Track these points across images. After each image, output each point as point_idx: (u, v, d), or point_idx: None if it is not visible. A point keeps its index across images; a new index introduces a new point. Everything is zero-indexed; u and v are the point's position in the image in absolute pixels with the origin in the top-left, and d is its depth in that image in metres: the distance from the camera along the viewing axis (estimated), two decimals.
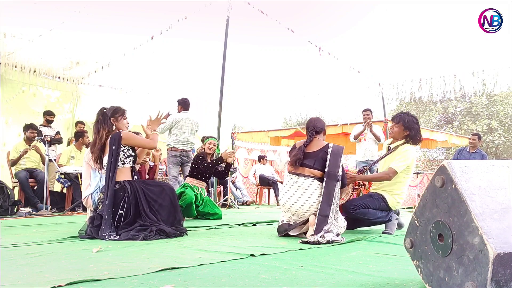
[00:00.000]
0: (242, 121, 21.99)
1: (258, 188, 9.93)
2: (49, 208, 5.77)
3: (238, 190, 9.33)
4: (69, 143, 7.23)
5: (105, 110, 3.41)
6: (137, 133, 4.21)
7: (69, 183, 6.01)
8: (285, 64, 8.98)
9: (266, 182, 9.61)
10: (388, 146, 3.87)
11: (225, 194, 8.10)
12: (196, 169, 5.06)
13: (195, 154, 7.21)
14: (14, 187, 6.07)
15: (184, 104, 6.17)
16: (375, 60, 8.74)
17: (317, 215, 3.03)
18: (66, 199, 6.15)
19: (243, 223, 4.27)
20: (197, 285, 1.60)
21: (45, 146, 5.88)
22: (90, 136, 6.50)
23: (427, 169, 17.60)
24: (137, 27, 7.24)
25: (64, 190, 6.38)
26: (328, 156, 3.17)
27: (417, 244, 1.51)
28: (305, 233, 3.13)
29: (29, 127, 6.24)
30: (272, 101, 11.20)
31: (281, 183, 8.83)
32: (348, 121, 9.71)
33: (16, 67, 7.85)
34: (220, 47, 7.17)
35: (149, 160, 6.05)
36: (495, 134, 16.63)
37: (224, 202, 7.64)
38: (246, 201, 9.02)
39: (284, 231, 3.22)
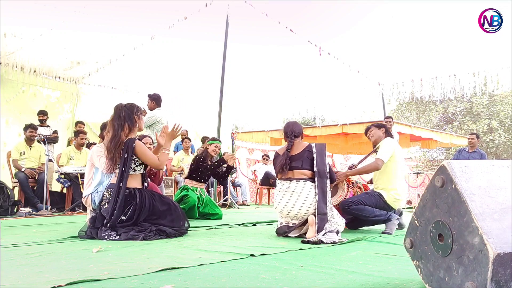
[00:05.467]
0: (242, 121, 22.00)
1: (258, 188, 9.93)
2: (49, 208, 5.77)
3: (236, 188, 9.28)
4: (69, 143, 7.23)
5: (125, 106, 3.25)
6: (142, 138, 4.19)
7: (69, 183, 6.01)
8: (285, 64, 8.97)
9: (268, 182, 9.56)
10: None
11: (225, 194, 8.10)
12: (195, 170, 5.01)
13: (195, 154, 7.19)
14: (14, 187, 6.07)
15: (158, 101, 5.93)
16: (375, 60, 8.73)
17: (316, 214, 3.04)
18: (66, 199, 6.15)
19: (243, 223, 4.27)
20: (197, 285, 1.60)
21: (45, 146, 5.89)
22: (91, 136, 6.50)
23: (427, 169, 17.61)
24: (137, 27, 7.23)
25: (64, 190, 6.38)
26: (314, 155, 3.21)
27: (417, 244, 1.51)
28: (305, 233, 3.13)
29: (28, 127, 6.25)
30: (272, 101, 11.19)
31: None
32: (348, 121, 9.70)
33: (16, 67, 7.85)
34: (220, 47, 7.17)
35: None
36: (495, 134, 16.62)
37: (224, 202, 7.64)
38: (244, 201, 9.00)
39: (283, 233, 3.22)
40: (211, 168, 4.98)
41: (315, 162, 3.18)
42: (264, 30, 7.49)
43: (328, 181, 3.18)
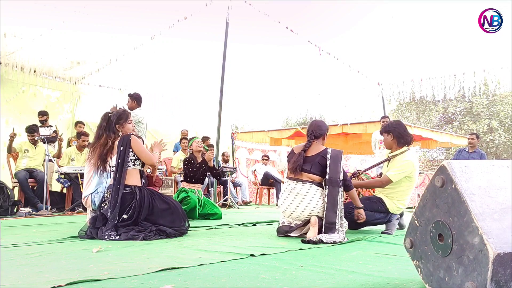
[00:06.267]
0: (242, 121, 22.03)
1: (258, 188, 9.92)
2: (49, 208, 5.77)
3: (236, 188, 9.27)
4: (69, 144, 7.22)
5: (110, 115, 3.43)
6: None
7: (69, 183, 6.01)
8: (285, 64, 8.97)
9: (267, 182, 9.57)
10: (387, 155, 3.88)
11: (225, 194, 8.10)
12: (187, 172, 5.10)
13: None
14: (14, 187, 6.07)
15: (139, 100, 5.89)
16: (375, 60, 8.73)
17: (323, 224, 3.01)
18: (66, 199, 6.15)
19: (243, 223, 4.27)
20: (197, 285, 1.60)
21: (46, 146, 5.88)
22: (91, 137, 6.48)
23: (427, 169, 17.61)
24: (137, 27, 7.23)
25: (64, 190, 6.38)
26: (328, 162, 3.13)
27: (417, 244, 1.51)
28: (306, 233, 3.13)
29: (26, 131, 6.26)
30: (272, 101, 11.20)
31: (284, 183, 8.82)
32: (348, 121, 9.71)
33: (16, 67, 7.85)
34: (220, 47, 7.16)
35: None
36: (495, 134, 16.63)
37: (224, 202, 7.64)
38: (243, 201, 9.00)
39: (284, 232, 3.21)
40: (198, 168, 5.05)
41: (327, 169, 3.10)
42: (264, 30, 7.48)
43: (341, 189, 3.10)
